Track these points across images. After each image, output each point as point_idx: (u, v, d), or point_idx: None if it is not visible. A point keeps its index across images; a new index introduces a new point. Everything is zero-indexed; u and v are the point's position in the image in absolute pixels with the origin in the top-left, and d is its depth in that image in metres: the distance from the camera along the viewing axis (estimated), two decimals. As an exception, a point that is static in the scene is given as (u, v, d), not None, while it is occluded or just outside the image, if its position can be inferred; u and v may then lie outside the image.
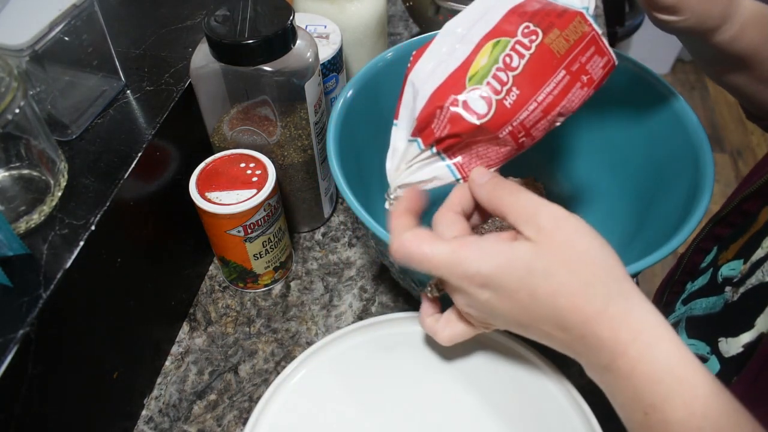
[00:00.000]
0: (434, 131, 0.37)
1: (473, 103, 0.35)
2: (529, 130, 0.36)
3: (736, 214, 0.52)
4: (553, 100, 0.36)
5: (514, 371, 0.43)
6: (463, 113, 0.36)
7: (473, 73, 0.36)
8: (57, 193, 0.43)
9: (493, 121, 0.35)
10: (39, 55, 0.42)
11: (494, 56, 0.36)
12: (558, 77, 0.36)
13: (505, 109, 0.35)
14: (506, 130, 0.36)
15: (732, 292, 0.46)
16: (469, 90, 0.35)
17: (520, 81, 0.35)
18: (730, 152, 1.96)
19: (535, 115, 0.36)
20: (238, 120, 0.53)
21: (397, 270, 0.48)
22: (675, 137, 0.48)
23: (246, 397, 0.52)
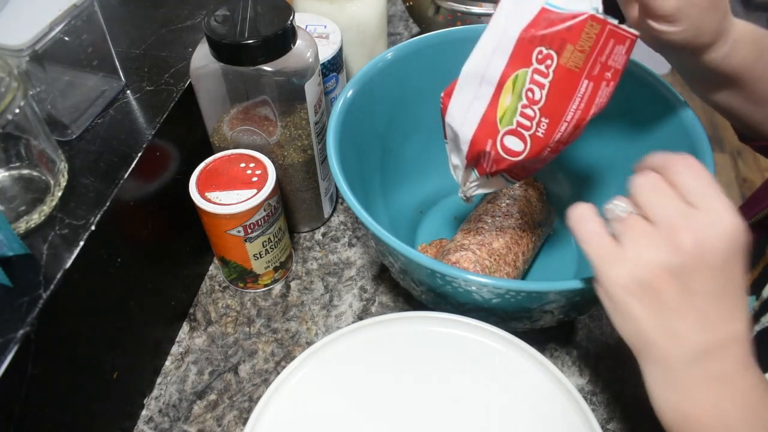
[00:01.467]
0: (485, 167, 0.42)
1: (510, 143, 0.39)
2: (566, 141, 0.39)
3: None
4: (582, 113, 0.37)
5: (514, 371, 0.43)
6: (504, 154, 0.40)
7: (501, 114, 0.39)
8: (57, 193, 0.43)
9: (532, 152, 0.39)
10: (39, 55, 0.42)
11: (516, 93, 0.38)
12: (581, 90, 0.37)
13: (539, 138, 0.38)
14: (545, 151, 0.39)
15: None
16: (503, 132, 0.39)
17: (546, 111, 0.38)
18: (730, 152, 1.96)
19: (568, 131, 0.38)
20: (238, 120, 0.53)
21: (397, 270, 0.49)
22: (675, 137, 0.48)
23: (246, 397, 0.52)
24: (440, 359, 0.44)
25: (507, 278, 0.51)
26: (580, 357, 0.54)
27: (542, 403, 0.41)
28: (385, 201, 0.58)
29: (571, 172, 0.61)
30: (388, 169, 0.58)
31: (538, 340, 0.54)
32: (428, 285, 0.46)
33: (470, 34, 0.54)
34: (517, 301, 0.42)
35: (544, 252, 0.60)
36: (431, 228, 0.62)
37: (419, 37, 0.55)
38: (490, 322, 0.44)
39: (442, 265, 0.41)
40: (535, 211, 0.55)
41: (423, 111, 0.58)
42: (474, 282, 0.40)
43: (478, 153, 0.41)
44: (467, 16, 0.67)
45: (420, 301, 0.50)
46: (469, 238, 0.53)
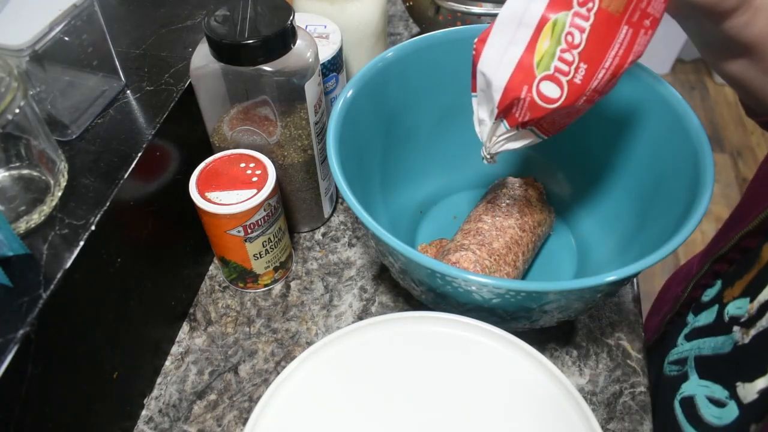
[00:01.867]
0: (517, 117, 0.39)
1: (546, 89, 0.38)
2: (602, 90, 0.38)
3: (734, 251, 0.52)
4: (621, 60, 0.37)
5: (514, 371, 0.43)
6: (539, 101, 0.38)
7: (539, 59, 0.37)
8: (57, 193, 0.43)
9: (568, 99, 0.37)
10: (39, 55, 0.42)
11: (556, 36, 0.37)
12: (621, 36, 0.36)
13: (576, 85, 0.37)
14: (581, 100, 0.38)
15: (742, 333, 0.46)
16: (540, 77, 0.37)
17: (585, 56, 0.36)
18: (730, 152, 1.96)
19: (605, 79, 0.37)
20: (238, 120, 0.53)
21: (397, 270, 0.49)
22: (675, 137, 0.48)
23: (246, 397, 0.52)
24: (440, 359, 0.44)
25: (507, 278, 0.51)
26: (580, 357, 0.54)
27: (542, 403, 0.41)
28: (385, 201, 0.58)
29: (571, 172, 0.61)
30: (388, 169, 0.58)
31: (538, 340, 0.54)
32: (428, 285, 0.46)
33: (470, 34, 0.54)
34: (517, 301, 0.43)
35: (544, 252, 0.60)
36: (431, 228, 0.62)
37: (419, 37, 0.55)
38: (490, 322, 0.44)
39: (442, 265, 0.41)
40: (535, 211, 0.55)
41: (423, 111, 0.58)
42: (474, 282, 0.40)
43: (511, 100, 0.39)
44: (467, 16, 0.67)
45: (420, 301, 0.50)
46: (469, 238, 0.53)
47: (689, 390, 0.50)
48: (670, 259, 1.60)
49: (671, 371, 0.54)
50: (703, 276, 0.56)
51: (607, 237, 0.57)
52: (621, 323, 0.56)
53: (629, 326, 0.55)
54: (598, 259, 0.56)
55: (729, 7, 0.39)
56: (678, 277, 0.68)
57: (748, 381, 0.43)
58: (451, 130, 0.60)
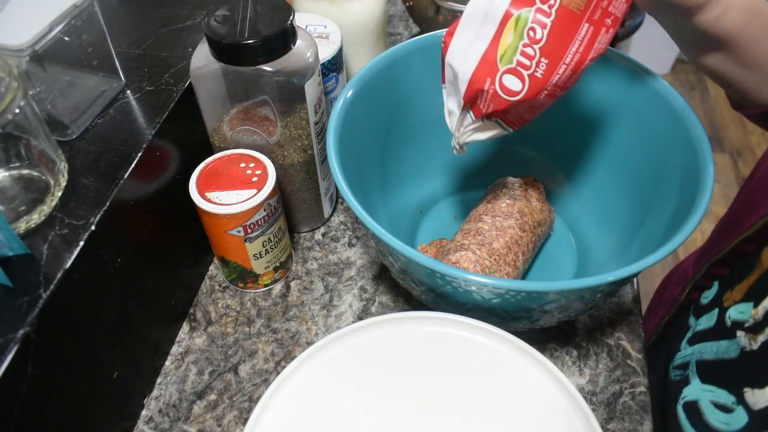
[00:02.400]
0: (481, 108, 0.41)
1: (508, 82, 0.39)
2: (563, 86, 0.39)
3: (732, 255, 0.52)
4: (581, 57, 0.38)
5: (513, 371, 0.43)
6: (501, 93, 0.40)
7: (502, 53, 0.39)
8: (57, 193, 0.43)
9: (529, 92, 0.39)
10: (39, 55, 0.42)
11: (518, 32, 0.38)
12: (582, 33, 0.37)
13: (538, 79, 0.38)
14: (543, 94, 0.39)
15: (749, 339, 0.46)
16: (502, 71, 0.39)
17: (546, 51, 0.38)
18: (730, 152, 1.96)
19: (566, 74, 0.38)
20: (238, 120, 0.53)
21: (397, 270, 0.49)
22: (675, 137, 0.48)
23: (246, 397, 0.52)
24: (440, 359, 0.44)
25: (507, 278, 0.51)
26: (580, 357, 0.54)
27: (542, 403, 0.41)
28: (385, 201, 0.58)
29: (571, 172, 0.61)
30: (388, 169, 0.58)
31: (538, 340, 0.54)
32: (428, 285, 0.46)
33: (470, 34, 0.54)
34: (517, 301, 0.43)
35: (544, 252, 0.60)
36: (431, 228, 0.62)
37: (419, 37, 0.55)
38: (490, 322, 0.44)
39: (442, 265, 0.41)
40: (535, 211, 0.55)
41: (423, 111, 0.58)
42: (474, 282, 0.40)
43: (476, 92, 0.40)
44: (467, 16, 0.67)
45: (420, 301, 0.50)
46: (469, 238, 0.53)
47: (692, 394, 0.50)
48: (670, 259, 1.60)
49: (675, 376, 0.54)
50: (701, 279, 0.56)
51: (607, 237, 0.57)
52: (621, 323, 0.56)
53: (629, 326, 0.55)
54: (598, 259, 0.56)
55: (698, 2, 0.40)
56: (673, 278, 0.68)
57: (758, 387, 0.43)
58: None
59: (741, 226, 0.51)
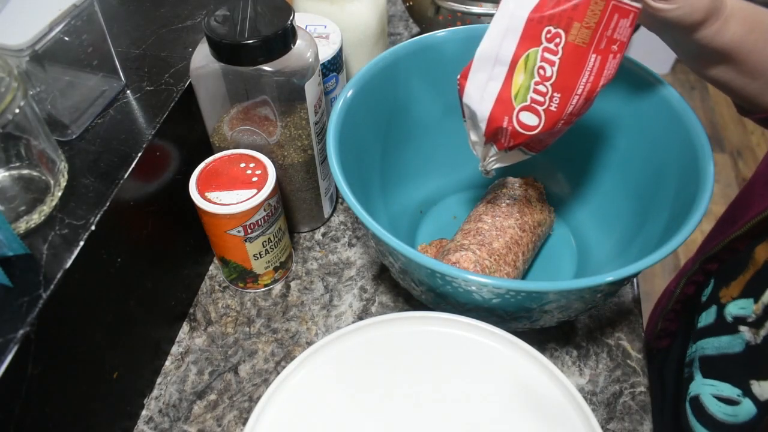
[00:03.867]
0: (503, 143, 0.44)
1: (525, 118, 0.42)
2: (578, 113, 0.41)
3: (725, 251, 0.53)
4: (592, 86, 0.40)
5: (514, 371, 0.43)
6: (520, 129, 0.42)
7: (516, 92, 0.41)
8: (57, 193, 0.43)
9: (546, 125, 0.41)
10: (39, 55, 0.42)
11: (529, 71, 0.40)
12: (590, 64, 0.39)
13: (552, 113, 0.41)
14: (559, 124, 0.41)
15: (753, 334, 0.46)
16: (518, 108, 0.41)
17: (558, 86, 0.40)
18: (730, 152, 1.95)
19: (580, 103, 0.40)
20: (238, 120, 0.53)
21: (397, 270, 0.49)
22: (675, 137, 0.48)
23: (246, 397, 0.52)
24: (440, 359, 0.44)
25: (507, 278, 0.51)
26: (580, 357, 0.54)
27: (542, 403, 0.41)
28: (385, 201, 0.58)
29: (571, 172, 0.61)
30: (388, 169, 0.58)
31: (538, 340, 0.54)
32: (428, 285, 0.46)
33: (470, 34, 0.54)
34: (517, 301, 0.43)
35: (544, 252, 0.60)
36: (431, 228, 0.62)
37: (419, 37, 0.55)
38: (490, 322, 0.44)
39: (442, 265, 0.41)
40: (535, 211, 0.55)
41: (423, 111, 0.58)
42: (474, 282, 0.40)
43: (495, 129, 0.43)
44: (467, 16, 0.67)
45: (420, 301, 0.50)
46: (469, 238, 0.53)
47: (695, 390, 0.51)
48: (670, 259, 1.60)
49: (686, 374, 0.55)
50: (695, 273, 0.57)
51: (607, 237, 0.57)
52: (621, 323, 0.56)
53: (629, 326, 0.55)
54: (598, 259, 0.56)
55: (698, 20, 0.41)
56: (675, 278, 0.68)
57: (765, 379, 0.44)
58: (451, 129, 0.60)
59: (735, 224, 0.51)
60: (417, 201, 0.63)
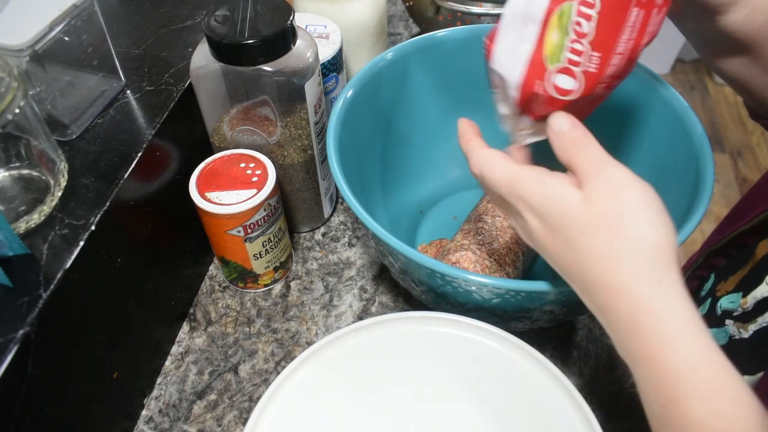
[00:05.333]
0: (536, 111, 0.39)
1: (560, 82, 0.37)
2: (620, 75, 0.37)
3: (731, 246, 0.52)
4: (635, 43, 0.36)
5: (513, 371, 0.43)
6: (556, 94, 0.37)
7: (549, 53, 0.37)
8: (57, 193, 0.43)
9: (585, 89, 0.37)
10: (39, 55, 0.42)
11: (563, 28, 0.36)
12: (632, 19, 0.35)
13: (592, 74, 0.36)
14: (599, 87, 0.37)
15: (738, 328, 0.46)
16: (553, 71, 0.37)
17: (596, 44, 0.36)
18: (730, 152, 1.96)
19: (621, 64, 0.36)
20: (238, 120, 0.53)
21: (397, 270, 0.48)
22: (675, 137, 0.48)
23: (246, 397, 0.52)
24: (440, 359, 0.44)
25: (507, 278, 0.51)
26: (580, 357, 0.54)
27: (542, 403, 0.41)
28: (385, 201, 0.58)
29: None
30: (388, 169, 0.58)
31: (538, 340, 0.54)
32: (428, 285, 0.46)
33: (471, 34, 0.54)
34: (517, 301, 0.42)
35: (544, 252, 0.60)
36: (431, 228, 0.62)
37: (419, 37, 0.55)
38: (490, 322, 0.44)
39: (442, 265, 0.40)
40: (535, 211, 0.55)
41: (423, 111, 0.58)
42: (474, 282, 0.40)
43: (528, 96, 0.38)
44: (467, 16, 0.67)
45: (420, 301, 0.50)
46: (469, 238, 0.53)
47: None
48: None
49: None
50: (699, 267, 0.56)
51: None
52: (621, 323, 0.56)
53: (629, 326, 0.55)
54: (598, 259, 0.56)
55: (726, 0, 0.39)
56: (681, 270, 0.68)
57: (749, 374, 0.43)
58: (451, 129, 0.59)
59: (743, 218, 0.51)
60: (417, 201, 0.63)
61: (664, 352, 0.29)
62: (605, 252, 0.31)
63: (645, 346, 0.30)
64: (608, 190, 0.32)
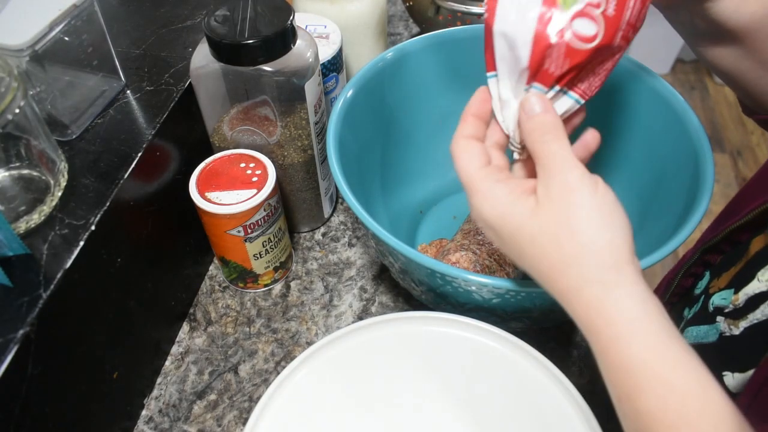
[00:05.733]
0: (552, 71, 0.35)
1: (580, 27, 0.33)
2: (635, 24, 0.35)
3: (725, 243, 0.52)
4: None
5: (513, 371, 0.43)
6: (576, 42, 0.34)
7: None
8: (57, 193, 0.43)
9: (606, 36, 0.34)
10: (39, 55, 0.42)
11: None
12: None
13: (610, 18, 0.34)
14: (618, 36, 0.34)
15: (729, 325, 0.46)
16: (571, 14, 0.33)
17: None
18: (730, 152, 1.96)
19: (637, 7, 0.34)
20: (238, 120, 0.53)
21: (397, 270, 0.48)
22: (675, 137, 0.48)
23: (246, 397, 0.52)
24: (440, 359, 0.44)
25: (507, 278, 0.51)
26: (580, 357, 0.54)
27: (542, 403, 0.41)
28: (385, 201, 0.58)
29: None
30: (388, 169, 0.58)
31: (538, 340, 0.54)
32: (428, 285, 0.46)
33: (471, 34, 0.54)
34: (517, 301, 0.42)
35: (544, 252, 0.59)
36: (431, 228, 0.62)
37: (419, 37, 0.55)
38: (490, 322, 0.44)
39: (442, 265, 0.41)
40: (535, 211, 0.55)
41: (423, 110, 0.58)
42: (474, 282, 0.40)
43: (544, 51, 0.34)
44: (467, 16, 0.67)
45: (420, 301, 0.50)
46: (469, 238, 0.53)
47: None
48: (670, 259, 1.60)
49: None
50: (693, 264, 0.56)
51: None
52: (621, 323, 0.56)
53: (629, 326, 0.55)
54: (598, 259, 0.56)
55: None
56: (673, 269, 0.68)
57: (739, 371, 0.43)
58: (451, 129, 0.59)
59: (737, 214, 0.51)
60: (417, 201, 0.63)
61: (615, 350, 0.30)
62: (555, 260, 0.32)
63: (599, 345, 0.31)
64: (560, 194, 0.32)
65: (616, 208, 0.33)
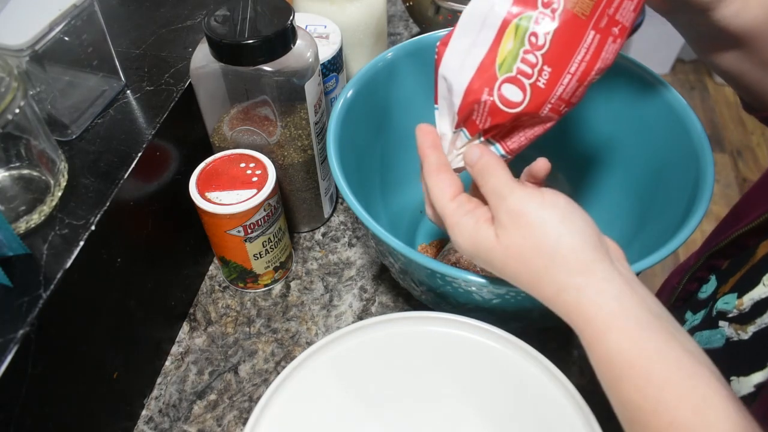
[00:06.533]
0: (477, 124, 0.38)
1: (507, 92, 0.36)
2: (569, 100, 0.36)
3: (732, 247, 0.52)
4: (587, 66, 0.35)
5: (513, 371, 0.43)
6: (500, 105, 0.36)
7: (501, 60, 0.36)
8: (57, 193, 0.43)
9: (531, 104, 0.36)
10: (39, 55, 0.42)
11: (519, 37, 0.35)
12: (587, 41, 0.35)
13: (540, 90, 0.36)
14: (546, 108, 0.36)
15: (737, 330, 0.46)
16: (501, 79, 0.36)
17: (549, 58, 0.35)
18: (730, 152, 1.96)
19: (571, 86, 0.36)
20: (238, 120, 0.53)
21: (397, 270, 0.48)
22: (675, 137, 0.48)
23: (246, 397, 0.52)
24: (440, 359, 0.44)
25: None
26: (580, 357, 0.54)
27: (542, 403, 0.41)
28: (385, 201, 0.58)
29: (571, 173, 0.61)
30: (388, 169, 0.58)
31: (538, 340, 0.54)
32: (428, 285, 0.46)
33: (470, 34, 0.54)
34: (517, 301, 0.42)
35: (544, 252, 0.59)
36: (431, 228, 0.62)
37: (419, 37, 0.55)
38: (490, 322, 0.44)
39: (442, 265, 0.40)
40: (535, 211, 0.55)
41: (423, 110, 0.58)
42: (474, 282, 0.40)
43: (472, 104, 0.37)
44: (467, 16, 0.67)
45: (420, 301, 0.50)
46: (469, 238, 0.52)
47: None
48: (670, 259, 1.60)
49: None
50: (699, 269, 0.56)
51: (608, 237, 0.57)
52: (621, 323, 0.56)
53: (629, 326, 0.55)
54: (598, 259, 0.56)
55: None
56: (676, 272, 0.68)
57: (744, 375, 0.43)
58: (451, 130, 0.60)
59: (744, 219, 0.51)
60: (417, 201, 0.63)
61: (597, 346, 0.32)
62: (529, 275, 0.34)
63: (585, 344, 0.33)
64: (509, 220, 0.34)
65: (569, 211, 0.34)
